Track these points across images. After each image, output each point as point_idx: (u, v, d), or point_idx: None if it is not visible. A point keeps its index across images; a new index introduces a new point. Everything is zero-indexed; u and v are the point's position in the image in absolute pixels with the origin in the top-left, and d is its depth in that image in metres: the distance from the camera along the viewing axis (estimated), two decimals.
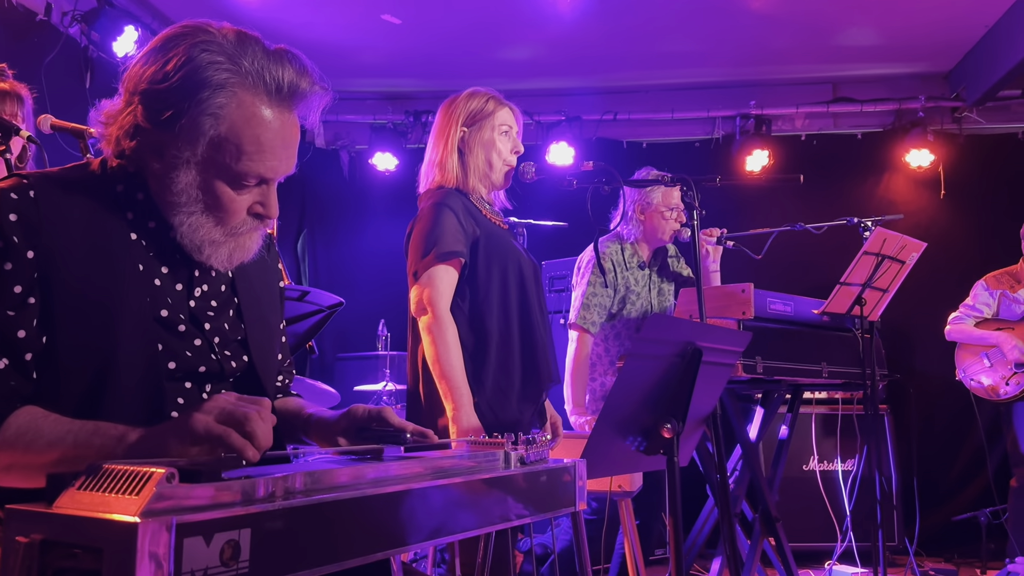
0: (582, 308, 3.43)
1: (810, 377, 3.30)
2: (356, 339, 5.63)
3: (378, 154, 5.90)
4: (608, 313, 3.48)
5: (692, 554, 3.59)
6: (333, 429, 1.46)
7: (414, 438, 1.37)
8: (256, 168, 1.30)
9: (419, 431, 1.38)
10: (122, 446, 1.14)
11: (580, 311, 3.43)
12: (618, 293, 3.49)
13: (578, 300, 3.46)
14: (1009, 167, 5.61)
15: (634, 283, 3.51)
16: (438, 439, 1.41)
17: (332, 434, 1.46)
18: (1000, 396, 4.44)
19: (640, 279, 3.54)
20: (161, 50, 1.29)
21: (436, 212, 2.38)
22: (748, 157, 5.68)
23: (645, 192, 3.48)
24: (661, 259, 3.65)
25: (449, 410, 2.29)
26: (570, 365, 3.40)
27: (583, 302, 3.44)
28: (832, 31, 5.24)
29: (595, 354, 3.49)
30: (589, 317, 3.42)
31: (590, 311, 3.42)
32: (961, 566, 4.76)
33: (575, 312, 3.44)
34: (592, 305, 3.43)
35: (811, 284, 3.94)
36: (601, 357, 3.51)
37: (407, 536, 1.05)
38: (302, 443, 1.54)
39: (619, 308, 3.50)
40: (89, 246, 1.27)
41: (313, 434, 1.51)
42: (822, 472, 4.80)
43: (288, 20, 5.04)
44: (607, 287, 3.44)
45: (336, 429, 1.45)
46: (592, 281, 3.44)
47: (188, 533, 0.79)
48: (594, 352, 3.49)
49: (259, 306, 1.52)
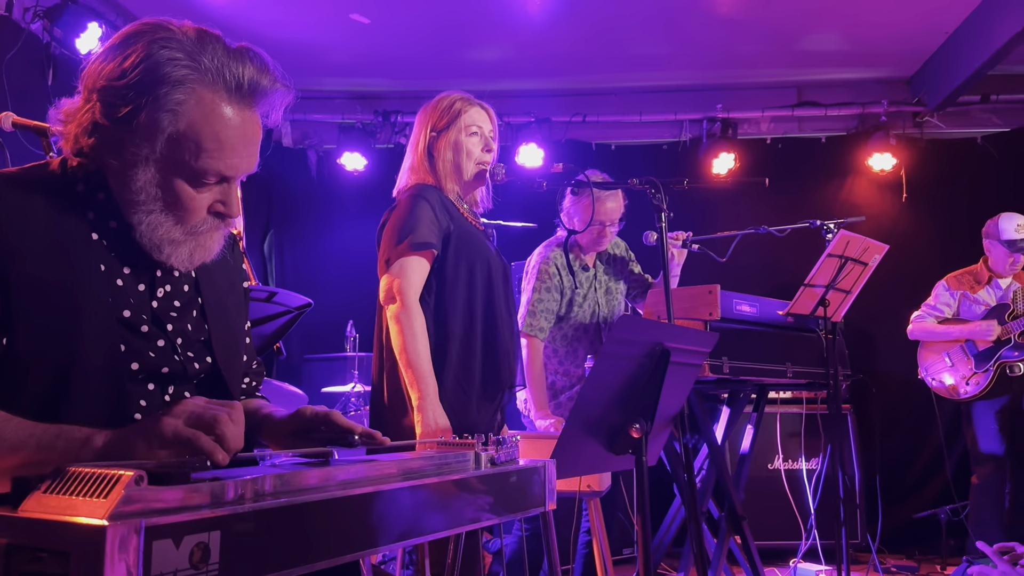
0: (528, 316, 3.45)
1: (775, 377, 3.35)
2: (324, 340, 5.58)
3: (346, 154, 5.87)
4: (556, 316, 3.51)
5: (659, 553, 3.62)
6: (282, 430, 1.45)
7: (362, 440, 1.36)
8: (216, 165, 1.29)
9: (367, 433, 1.37)
10: (88, 449, 1.12)
11: (527, 319, 3.44)
12: (564, 296, 3.51)
13: (524, 307, 3.48)
14: (968, 171, 5.72)
15: (579, 286, 3.54)
16: (390, 441, 1.39)
17: (281, 435, 1.45)
18: (960, 395, 4.53)
19: (584, 281, 3.57)
20: (120, 47, 1.28)
21: (413, 203, 2.39)
22: (715, 160, 5.74)
23: (582, 202, 3.51)
24: (606, 260, 3.69)
25: (415, 399, 2.29)
26: (527, 371, 3.41)
27: (529, 309, 3.46)
28: (797, 36, 5.31)
29: (544, 356, 3.51)
30: (536, 324, 3.44)
31: (536, 318, 3.44)
32: (922, 563, 4.85)
33: (522, 320, 3.45)
34: (538, 312, 3.45)
35: (776, 286, 3.99)
36: (550, 358, 3.54)
37: (378, 537, 1.05)
38: (258, 445, 1.52)
39: (567, 311, 3.53)
40: (49, 246, 1.25)
41: (264, 435, 1.50)
42: (787, 471, 4.86)
43: (255, 18, 4.99)
44: (551, 292, 3.46)
45: (284, 430, 1.45)
46: (537, 287, 3.47)
47: (157, 536, 0.79)
48: (543, 354, 3.51)
49: (223, 307, 1.50)
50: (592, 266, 3.62)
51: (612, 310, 3.64)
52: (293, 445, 1.42)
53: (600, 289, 3.62)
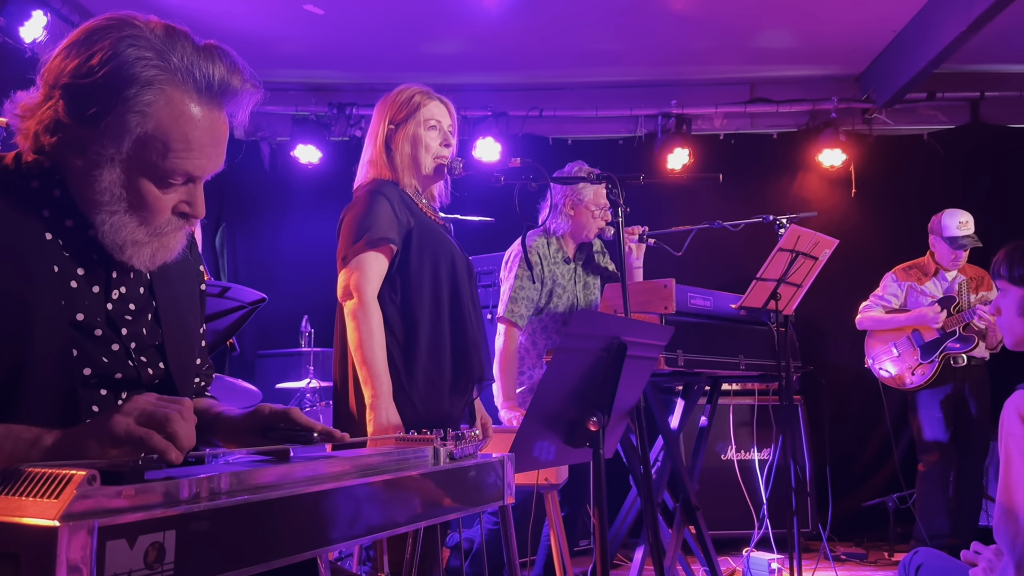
0: (510, 302, 3.46)
1: (728, 369, 3.40)
2: (278, 335, 5.52)
3: (300, 146, 5.80)
4: (536, 307, 3.52)
5: (616, 544, 3.66)
6: (239, 428, 1.43)
7: (321, 437, 1.35)
8: (183, 166, 1.27)
9: (326, 431, 1.36)
10: (37, 450, 1.10)
11: (508, 304, 3.46)
12: (545, 287, 3.53)
13: (506, 294, 3.49)
14: (916, 167, 5.86)
15: (560, 277, 3.56)
16: (349, 437, 1.37)
17: (238, 434, 1.43)
18: (906, 385, 4.65)
19: (566, 273, 3.59)
20: (85, 43, 1.23)
21: (371, 199, 2.37)
22: (669, 155, 5.79)
23: (577, 188, 3.52)
24: (586, 253, 3.71)
25: (368, 397, 2.28)
26: (499, 359, 3.43)
27: (511, 295, 3.47)
28: (749, 33, 5.38)
29: (523, 347, 3.53)
30: (517, 311, 3.45)
31: (518, 304, 3.46)
32: (871, 549, 4.98)
33: (503, 306, 3.47)
34: (520, 299, 3.46)
35: (729, 279, 4.05)
36: (529, 351, 3.55)
37: (335, 534, 1.05)
38: (211, 444, 1.50)
39: (546, 302, 3.54)
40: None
41: (219, 434, 1.48)
42: (739, 461, 4.94)
43: (207, 8, 4.91)
44: (534, 281, 3.48)
45: (242, 428, 1.42)
46: (519, 275, 3.47)
47: (110, 536, 0.78)
48: (522, 346, 3.52)
49: (179, 310, 1.47)
50: (573, 259, 3.64)
51: (589, 304, 3.67)
52: (250, 443, 1.40)
53: (579, 283, 3.64)
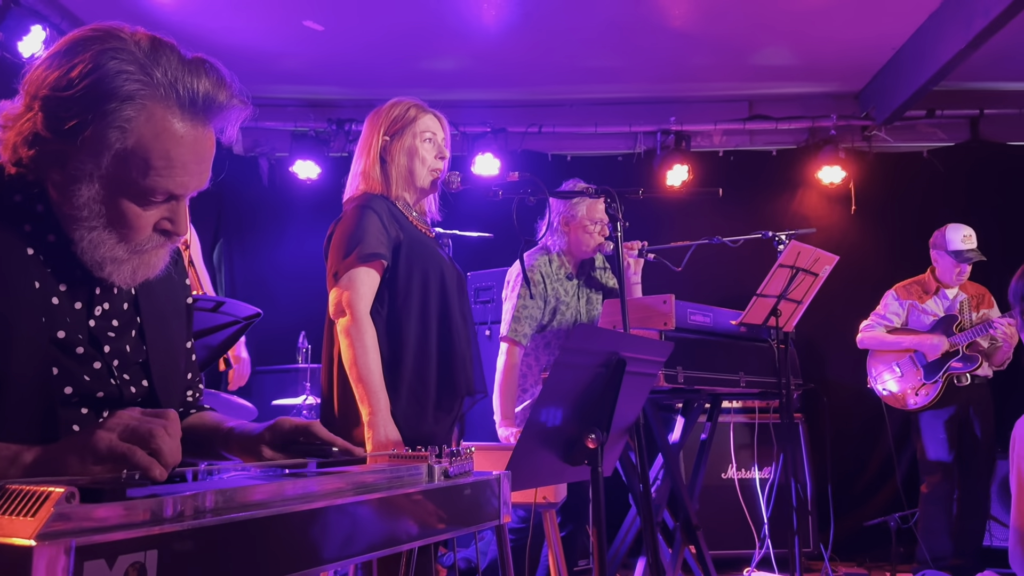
0: (513, 321, 3.43)
1: (728, 387, 3.37)
2: (275, 352, 5.49)
3: (299, 162, 5.79)
4: (539, 324, 3.49)
5: (615, 563, 3.61)
6: (257, 442, 1.39)
7: (340, 453, 1.32)
8: (165, 184, 1.23)
9: (347, 447, 1.33)
10: (16, 467, 1.07)
11: (511, 324, 3.43)
12: (548, 304, 3.50)
13: (509, 313, 3.46)
14: (915, 184, 5.86)
15: (563, 294, 3.53)
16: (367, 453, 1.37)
17: (256, 447, 1.39)
18: (909, 406, 4.61)
19: (569, 289, 3.56)
20: (67, 54, 1.20)
21: (360, 214, 2.35)
22: (668, 172, 5.79)
23: (570, 205, 3.49)
24: (588, 269, 3.68)
25: (365, 415, 2.25)
26: (499, 377, 3.39)
27: (514, 315, 3.43)
28: (748, 50, 5.39)
29: (526, 364, 3.49)
30: (520, 329, 3.42)
31: (521, 323, 3.43)
32: (872, 569, 4.93)
33: (506, 325, 3.44)
34: (523, 317, 3.43)
35: (728, 296, 4.03)
36: (532, 368, 3.51)
37: (327, 554, 1.01)
38: (221, 458, 1.46)
39: (550, 319, 3.51)
40: None
41: (235, 448, 1.44)
42: (740, 480, 4.89)
43: (206, 24, 4.91)
44: (533, 297, 3.45)
45: (260, 442, 1.39)
46: (522, 294, 3.44)
47: (89, 556, 0.74)
48: (524, 363, 3.48)
49: (163, 326, 1.44)
50: (576, 275, 3.62)
51: (592, 319, 3.63)
52: (270, 457, 1.36)
53: (582, 299, 3.61)
